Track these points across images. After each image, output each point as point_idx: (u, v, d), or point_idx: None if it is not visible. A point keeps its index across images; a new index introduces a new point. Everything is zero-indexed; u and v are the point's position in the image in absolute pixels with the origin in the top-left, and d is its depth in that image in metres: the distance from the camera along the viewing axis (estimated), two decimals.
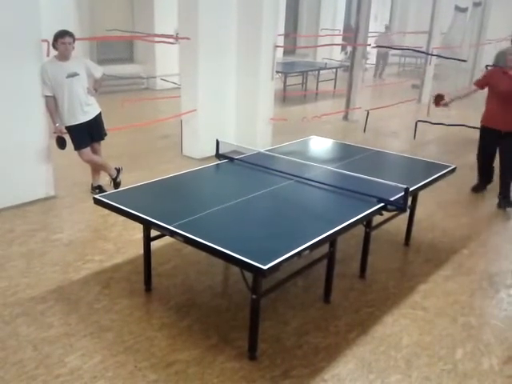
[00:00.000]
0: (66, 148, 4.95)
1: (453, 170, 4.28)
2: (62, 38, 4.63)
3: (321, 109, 10.13)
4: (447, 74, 13.01)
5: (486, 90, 5.46)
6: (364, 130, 8.49)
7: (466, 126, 7.78)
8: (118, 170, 5.40)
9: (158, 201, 3.43)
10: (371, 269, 3.92)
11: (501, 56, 8.53)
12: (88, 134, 5.00)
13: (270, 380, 2.75)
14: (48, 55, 4.78)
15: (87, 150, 5.01)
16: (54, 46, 4.68)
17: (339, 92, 11.37)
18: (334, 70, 13.19)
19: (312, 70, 12.83)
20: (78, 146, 4.96)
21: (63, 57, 4.70)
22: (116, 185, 5.34)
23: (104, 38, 10.37)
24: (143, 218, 3.04)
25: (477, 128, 7.61)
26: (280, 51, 12.52)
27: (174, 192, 3.65)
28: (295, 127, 8.14)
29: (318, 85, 12.41)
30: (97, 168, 5.28)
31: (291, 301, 3.50)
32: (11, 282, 3.60)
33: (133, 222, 3.22)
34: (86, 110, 4.90)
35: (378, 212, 3.40)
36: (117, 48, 11.84)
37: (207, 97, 6.58)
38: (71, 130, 4.90)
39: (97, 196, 3.37)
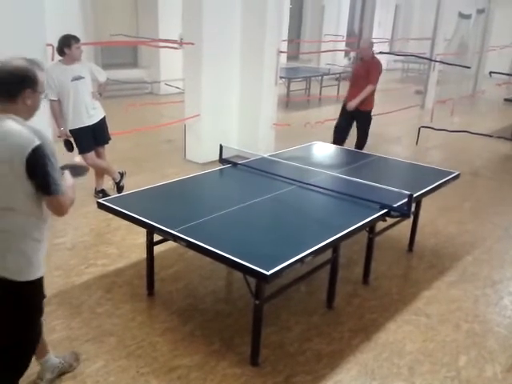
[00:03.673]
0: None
1: (456, 177, 4.28)
2: (76, 43, 4.66)
3: (324, 114, 10.13)
4: (450, 80, 13.00)
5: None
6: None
7: (469, 133, 7.78)
8: (122, 174, 5.41)
9: (161, 205, 3.44)
10: (374, 275, 3.91)
11: None
12: (92, 138, 5.01)
13: None
14: (53, 59, 4.80)
15: (91, 154, 5.02)
16: (62, 51, 4.66)
17: (342, 97, 11.35)
18: (338, 75, 13.21)
19: (315, 76, 12.84)
20: (82, 150, 4.96)
21: (71, 60, 4.71)
22: (119, 189, 5.34)
23: (108, 43, 10.41)
24: (146, 223, 3.05)
25: (480, 134, 7.62)
26: (284, 57, 12.51)
27: (177, 196, 3.65)
28: (298, 132, 8.14)
29: (321, 90, 12.41)
30: (100, 172, 5.29)
31: (294, 306, 3.49)
32: None
33: (136, 226, 3.22)
34: (91, 113, 4.91)
35: (382, 218, 3.40)
36: (121, 53, 11.87)
37: (211, 102, 6.59)
38: (76, 133, 4.91)
39: (100, 200, 3.38)
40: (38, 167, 1.96)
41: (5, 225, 2.07)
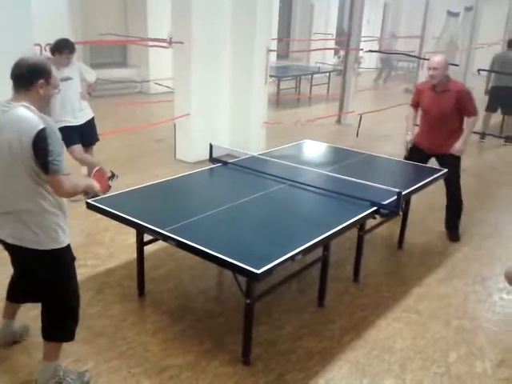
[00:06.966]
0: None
1: (444, 174, 4.30)
2: (61, 53, 4.65)
3: (314, 112, 10.16)
4: None
5: None
6: (357, 134, 8.51)
7: None
8: (113, 175, 5.33)
9: (151, 205, 3.43)
10: (365, 272, 3.93)
11: (496, 60, 8.55)
12: (79, 136, 4.96)
13: None
14: None
15: (79, 148, 4.95)
16: (53, 53, 4.66)
17: (332, 96, 11.40)
18: (327, 74, 13.23)
19: (305, 74, 12.86)
20: (70, 143, 4.88)
21: (58, 63, 4.70)
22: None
23: (97, 42, 10.33)
24: (136, 223, 3.04)
25: None
26: (273, 55, 12.52)
27: (167, 196, 3.64)
28: (289, 131, 8.15)
29: (311, 89, 12.43)
30: (89, 171, 5.25)
31: (285, 305, 3.49)
32: (4, 287, 3.56)
33: (126, 226, 3.21)
34: (77, 115, 4.89)
35: (371, 216, 3.41)
36: (110, 52, 11.79)
37: (201, 101, 6.58)
38: (62, 130, 4.86)
39: (89, 200, 3.35)
40: (40, 148, 2.21)
41: (22, 205, 2.34)
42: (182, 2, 6.27)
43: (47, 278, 2.52)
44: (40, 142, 2.20)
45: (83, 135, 4.99)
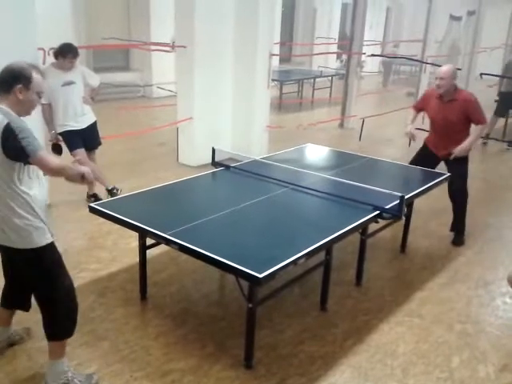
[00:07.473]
0: (62, 155, 4.93)
1: (447, 178, 4.30)
2: (71, 58, 4.71)
3: (316, 116, 10.17)
4: None
5: None
6: (359, 138, 8.52)
7: None
8: (117, 190, 5.29)
9: (153, 209, 3.43)
10: (367, 276, 3.92)
11: (510, 65, 8.51)
12: (81, 141, 4.97)
13: None
14: (44, 64, 4.78)
15: (82, 152, 4.96)
16: (57, 57, 4.69)
17: (335, 100, 11.41)
18: (330, 77, 13.25)
19: (308, 78, 12.89)
20: (73, 147, 4.89)
21: (62, 67, 4.72)
22: (112, 194, 5.29)
23: (100, 47, 10.40)
24: (139, 227, 3.04)
25: None
26: (276, 59, 12.54)
27: (169, 200, 3.65)
28: (291, 135, 8.16)
29: (313, 93, 12.45)
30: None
31: (287, 309, 3.49)
32: None
33: (128, 230, 3.22)
34: (79, 119, 4.90)
35: (374, 220, 3.41)
36: (113, 56, 11.85)
37: (203, 105, 6.59)
38: (64, 135, 4.90)
39: (92, 204, 3.37)
40: (12, 140, 2.27)
41: None
42: (185, 7, 6.29)
43: (29, 277, 2.60)
44: (9, 136, 2.26)
45: (85, 139, 5.00)
